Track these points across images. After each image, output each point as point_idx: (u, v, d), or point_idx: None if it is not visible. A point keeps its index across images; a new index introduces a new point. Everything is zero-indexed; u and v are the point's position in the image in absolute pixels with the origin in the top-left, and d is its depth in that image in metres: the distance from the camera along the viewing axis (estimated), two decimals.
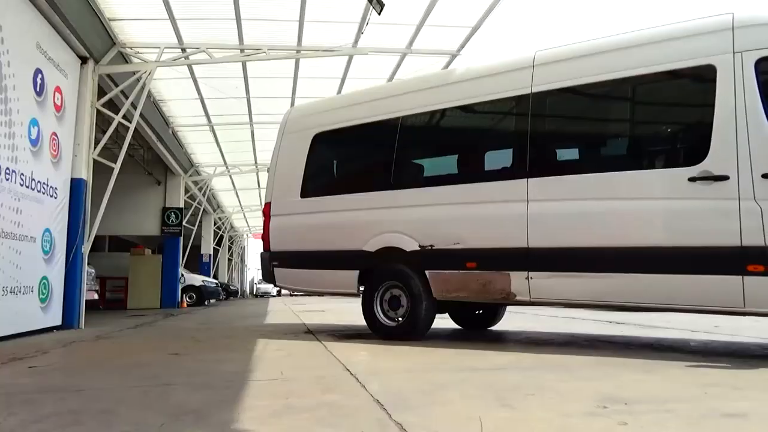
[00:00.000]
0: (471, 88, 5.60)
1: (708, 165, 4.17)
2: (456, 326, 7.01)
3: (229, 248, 37.50)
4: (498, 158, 5.69)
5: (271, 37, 10.33)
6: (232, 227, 35.79)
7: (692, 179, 4.20)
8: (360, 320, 6.13)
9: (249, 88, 12.85)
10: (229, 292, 29.15)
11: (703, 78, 4.39)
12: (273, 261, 6.56)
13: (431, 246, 5.41)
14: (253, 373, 3.85)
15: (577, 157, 5.42)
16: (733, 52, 4.20)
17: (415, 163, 6.31)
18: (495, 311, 6.80)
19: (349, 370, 3.79)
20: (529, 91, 5.13)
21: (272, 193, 6.76)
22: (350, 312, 10.69)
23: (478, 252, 5.15)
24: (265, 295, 40.88)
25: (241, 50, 10.34)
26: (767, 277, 3.90)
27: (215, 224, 29.35)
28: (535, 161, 5.05)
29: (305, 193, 6.48)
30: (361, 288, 5.94)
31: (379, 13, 8.31)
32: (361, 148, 6.74)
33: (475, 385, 3.24)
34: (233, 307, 18.06)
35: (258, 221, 27.89)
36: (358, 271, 5.89)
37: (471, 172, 5.68)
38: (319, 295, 20.19)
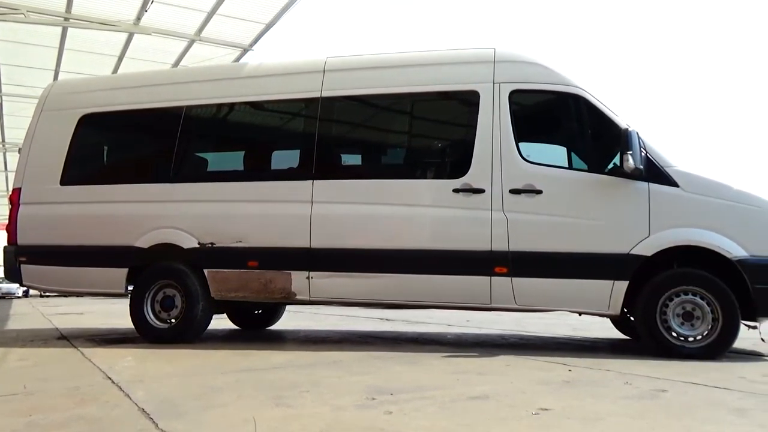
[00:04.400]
0: (262, 85, 5.54)
1: (469, 178, 4.74)
2: (234, 327, 6.84)
3: None
4: (285, 158, 5.71)
5: None
6: None
7: (456, 190, 4.74)
8: (127, 323, 5.61)
9: None
10: None
11: (468, 102, 4.98)
12: (20, 256, 5.66)
13: (212, 243, 5.21)
14: None
15: (360, 163, 5.73)
16: (493, 82, 4.86)
17: (199, 157, 6.01)
18: (274, 311, 6.81)
19: (110, 378, 3.45)
20: (319, 95, 5.26)
21: (24, 178, 5.83)
22: (115, 314, 9.71)
23: (261, 251, 5.11)
24: (7, 296, 34.99)
25: None
26: (509, 277, 4.59)
27: None
28: (321, 164, 5.19)
29: (67, 180, 5.72)
30: (130, 287, 5.45)
31: None
32: (138, 135, 6.19)
33: (252, 386, 3.20)
34: None
35: (3, 210, 23.84)
36: (127, 269, 5.40)
37: (257, 170, 5.62)
38: (77, 296, 17.96)
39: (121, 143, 6.35)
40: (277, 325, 6.94)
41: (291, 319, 7.45)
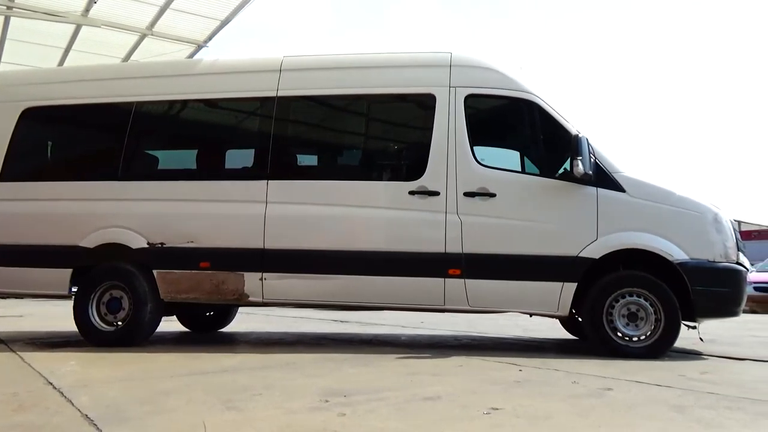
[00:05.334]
0: (217, 83, 5.44)
1: (424, 181, 4.78)
2: (184, 329, 6.68)
3: None
4: (240, 158, 5.62)
5: None
6: None
7: (411, 192, 4.77)
8: (70, 326, 5.40)
9: None
10: None
11: (425, 105, 5.03)
12: None
13: (162, 244, 5.07)
14: None
15: (316, 164, 5.71)
16: (449, 86, 4.91)
17: (149, 154, 5.84)
18: (226, 313, 6.68)
19: (52, 384, 3.30)
20: (275, 95, 5.20)
21: None
22: (57, 316, 9.32)
23: (214, 251, 5.01)
24: None
25: None
26: (462, 279, 4.65)
27: None
28: (276, 164, 5.13)
29: (6, 176, 5.46)
30: (74, 289, 5.25)
31: None
32: (85, 131, 5.96)
33: (202, 390, 3.13)
34: None
35: None
36: (71, 270, 5.20)
37: (211, 169, 5.51)
38: (17, 298, 17.17)
39: (66, 139, 6.10)
40: (229, 328, 6.81)
41: (243, 321, 7.33)
